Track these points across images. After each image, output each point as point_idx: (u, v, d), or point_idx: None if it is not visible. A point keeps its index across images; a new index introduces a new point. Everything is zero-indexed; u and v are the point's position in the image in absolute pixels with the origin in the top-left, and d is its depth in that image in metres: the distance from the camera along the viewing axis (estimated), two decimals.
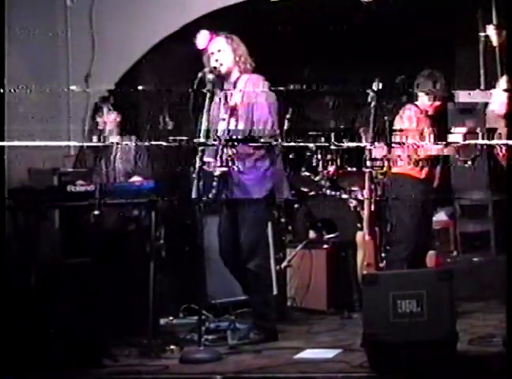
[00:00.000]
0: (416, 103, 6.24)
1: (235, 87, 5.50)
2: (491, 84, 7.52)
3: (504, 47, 7.28)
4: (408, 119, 6.16)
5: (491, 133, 5.43)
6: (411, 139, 6.11)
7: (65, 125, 7.43)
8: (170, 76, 7.96)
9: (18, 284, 5.02)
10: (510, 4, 4.97)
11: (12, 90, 6.12)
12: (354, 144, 7.45)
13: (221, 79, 5.49)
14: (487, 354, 4.62)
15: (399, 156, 6.09)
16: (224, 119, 5.38)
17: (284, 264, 6.59)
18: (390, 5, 7.44)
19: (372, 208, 6.02)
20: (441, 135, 6.11)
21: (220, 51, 5.48)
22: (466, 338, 4.85)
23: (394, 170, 6.11)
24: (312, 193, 7.23)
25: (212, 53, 5.50)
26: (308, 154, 7.45)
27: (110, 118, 6.07)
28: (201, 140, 5.15)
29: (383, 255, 5.83)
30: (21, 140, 6.40)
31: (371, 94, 5.94)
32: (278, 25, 7.80)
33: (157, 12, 7.40)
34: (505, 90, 5.27)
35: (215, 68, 5.40)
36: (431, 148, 6.06)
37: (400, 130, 6.10)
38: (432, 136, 6.11)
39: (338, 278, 6.61)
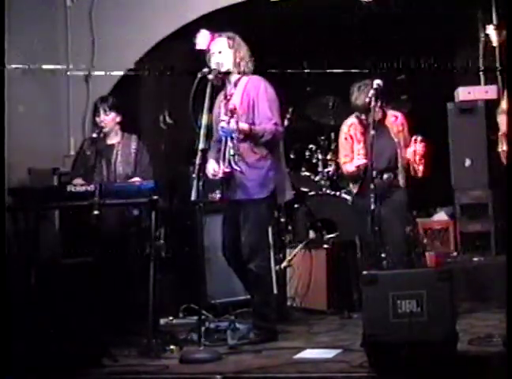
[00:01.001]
0: (356, 114, 6.16)
1: (235, 87, 5.50)
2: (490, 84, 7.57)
3: (504, 47, 7.28)
4: (340, 135, 6.19)
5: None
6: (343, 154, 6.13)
7: (66, 125, 7.45)
8: (170, 76, 7.97)
9: (18, 284, 5.02)
10: (510, 4, 4.97)
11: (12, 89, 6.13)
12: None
13: (221, 79, 5.49)
14: (487, 355, 4.61)
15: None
16: (224, 120, 5.36)
17: (284, 264, 6.58)
18: (390, 4, 7.45)
19: (372, 208, 5.99)
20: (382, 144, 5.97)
21: (221, 53, 5.48)
22: (466, 338, 4.85)
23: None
24: (312, 193, 7.23)
25: (213, 53, 5.49)
26: (308, 154, 7.46)
27: (108, 119, 6.05)
28: (202, 140, 5.14)
29: (383, 255, 5.82)
30: (21, 139, 6.43)
31: (371, 93, 5.92)
32: (278, 25, 7.82)
33: (157, 12, 7.40)
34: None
35: (214, 69, 5.39)
36: (355, 163, 5.99)
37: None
38: (362, 150, 5.99)
39: (338, 278, 6.61)
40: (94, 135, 5.98)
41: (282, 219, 6.73)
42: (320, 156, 7.37)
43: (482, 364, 4.45)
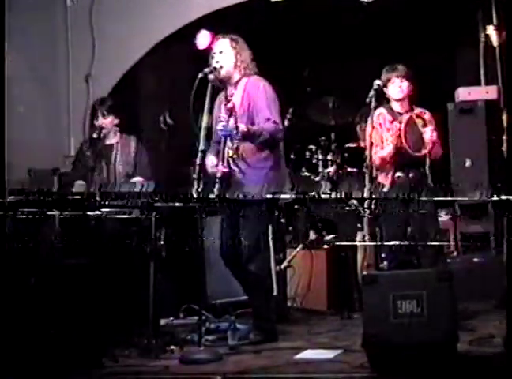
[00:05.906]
0: (385, 105, 6.09)
1: (235, 88, 5.49)
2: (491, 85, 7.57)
3: (504, 47, 7.28)
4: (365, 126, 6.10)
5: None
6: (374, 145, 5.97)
7: (66, 125, 7.45)
8: (170, 76, 7.98)
9: (18, 285, 5.02)
10: (510, 4, 4.98)
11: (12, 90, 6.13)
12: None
13: (222, 80, 5.48)
14: (488, 355, 4.61)
15: None
16: (224, 120, 5.36)
17: (285, 264, 6.58)
18: (390, 5, 7.46)
19: (372, 209, 5.99)
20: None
21: (222, 53, 5.46)
22: (466, 338, 4.85)
23: None
24: (312, 193, 7.22)
25: (215, 53, 5.48)
26: (308, 154, 7.45)
27: (106, 122, 6.07)
28: (202, 141, 5.14)
29: (383, 256, 5.81)
30: (22, 139, 6.44)
31: (371, 94, 5.91)
32: (278, 25, 7.83)
33: (157, 12, 7.40)
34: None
35: (215, 69, 5.38)
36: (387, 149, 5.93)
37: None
38: (390, 138, 5.90)
39: (338, 278, 6.61)
40: (94, 135, 6.00)
41: (282, 220, 6.73)
42: (320, 157, 7.36)
43: (482, 365, 4.45)
